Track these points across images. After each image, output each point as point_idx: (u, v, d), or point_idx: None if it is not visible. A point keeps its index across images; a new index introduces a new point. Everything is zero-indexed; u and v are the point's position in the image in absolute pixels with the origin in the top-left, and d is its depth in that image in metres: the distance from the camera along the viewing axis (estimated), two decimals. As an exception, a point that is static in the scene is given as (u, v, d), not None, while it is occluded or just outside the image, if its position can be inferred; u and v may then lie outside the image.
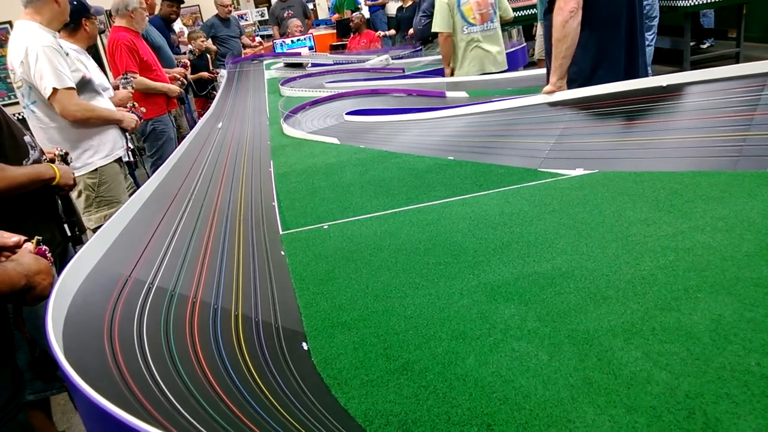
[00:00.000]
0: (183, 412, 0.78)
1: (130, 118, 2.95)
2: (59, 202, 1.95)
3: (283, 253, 1.66)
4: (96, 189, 2.78)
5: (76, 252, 1.24)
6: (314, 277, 1.47)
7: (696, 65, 5.96)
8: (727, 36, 6.57)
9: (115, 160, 2.88)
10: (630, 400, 0.87)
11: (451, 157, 2.39)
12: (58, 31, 2.80)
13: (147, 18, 4.16)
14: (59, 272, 1.13)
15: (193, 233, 1.62)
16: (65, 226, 1.96)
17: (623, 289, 1.18)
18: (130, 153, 2.98)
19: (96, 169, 2.76)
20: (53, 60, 2.44)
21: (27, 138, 1.87)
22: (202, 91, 6.27)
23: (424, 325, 1.18)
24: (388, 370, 1.05)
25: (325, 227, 1.82)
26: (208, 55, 6.62)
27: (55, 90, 2.46)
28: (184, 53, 6.33)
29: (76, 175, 2.39)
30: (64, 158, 2.13)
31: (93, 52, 3.79)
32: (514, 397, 0.92)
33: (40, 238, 1.33)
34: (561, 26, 2.33)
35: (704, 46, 6.87)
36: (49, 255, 1.31)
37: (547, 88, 2.47)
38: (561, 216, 1.61)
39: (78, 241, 1.99)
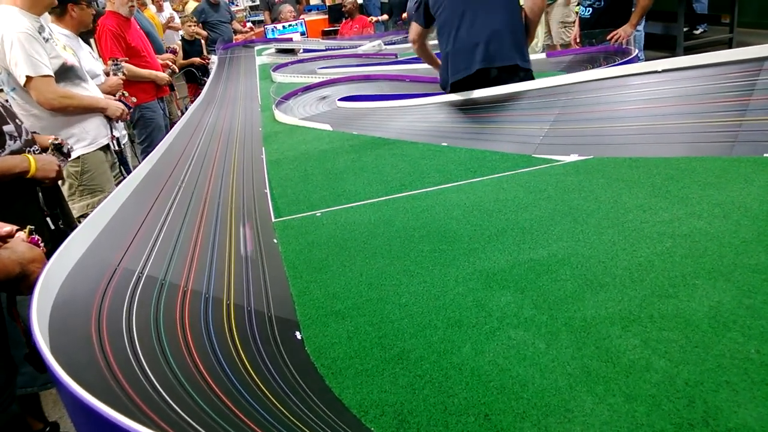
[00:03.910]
0: (173, 404, 0.76)
1: (116, 107, 2.87)
2: (40, 194, 1.89)
3: (275, 241, 1.63)
4: (79, 177, 2.72)
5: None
6: (307, 265, 1.45)
7: (689, 51, 5.93)
8: (720, 21, 6.54)
9: (101, 149, 2.81)
10: (629, 389, 0.86)
11: (445, 144, 2.37)
12: (50, 14, 2.73)
13: (134, 3, 4.06)
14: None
15: (183, 221, 1.60)
16: (48, 219, 1.89)
17: (620, 276, 1.17)
18: (115, 142, 2.91)
19: (78, 157, 2.70)
20: (27, 47, 2.37)
21: (9, 127, 1.81)
22: (191, 77, 6.20)
23: (419, 313, 1.16)
24: (383, 360, 1.03)
25: (318, 214, 1.80)
26: (202, 41, 6.55)
27: (29, 78, 2.40)
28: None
29: None
30: (58, 148, 2.06)
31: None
32: (511, 386, 0.91)
33: (33, 227, 1.30)
34: None
35: (697, 32, 6.85)
36: (41, 244, 1.28)
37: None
38: (556, 202, 1.59)
39: (63, 235, 1.92)
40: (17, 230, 1.27)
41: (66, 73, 2.61)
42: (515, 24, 2.62)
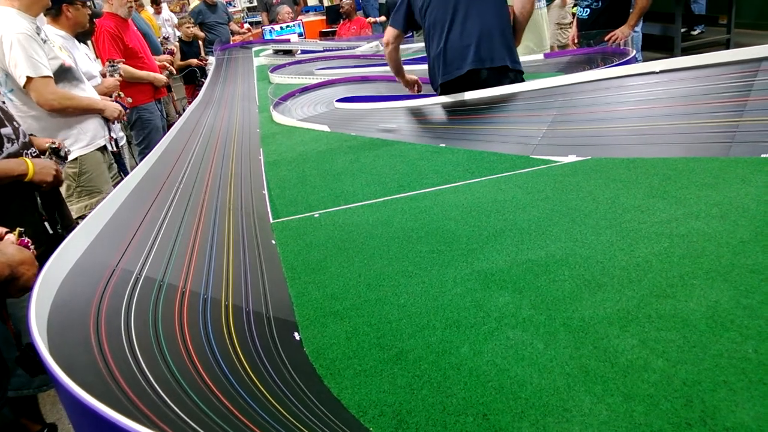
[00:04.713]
0: (172, 405, 0.76)
1: (113, 108, 2.87)
2: (38, 198, 1.89)
3: (273, 242, 1.63)
4: (76, 178, 2.72)
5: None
6: (306, 266, 1.45)
7: (686, 52, 5.95)
8: (717, 22, 6.56)
9: (98, 150, 2.81)
10: (627, 389, 0.86)
11: (443, 144, 2.37)
12: (45, 16, 2.74)
13: (132, 4, 4.06)
14: (41, 269, 1.10)
15: (182, 222, 1.59)
16: (45, 223, 1.88)
17: (618, 276, 1.17)
18: (113, 143, 2.92)
19: (76, 158, 2.70)
20: (27, 48, 2.37)
21: (6, 130, 1.81)
22: (189, 78, 6.20)
23: (418, 313, 1.16)
24: (381, 360, 1.03)
25: (316, 216, 1.80)
26: (199, 42, 6.55)
27: (29, 78, 2.40)
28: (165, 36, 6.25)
29: None
30: (56, 151, 2.05)
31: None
32: (509, 386, 0.91)
33: (22, 229, 1.30)
34: None
35: (695, 33, 6.87)
36: (32, 247, 1.28)
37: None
38: (554, 203, 1.60)
39: (61, 239, 1.91)
40: (6, 232, 1.26)
41: (64, 74, 2.61)
42: (505, 25, 2.64)
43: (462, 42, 2.61)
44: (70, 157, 2.67)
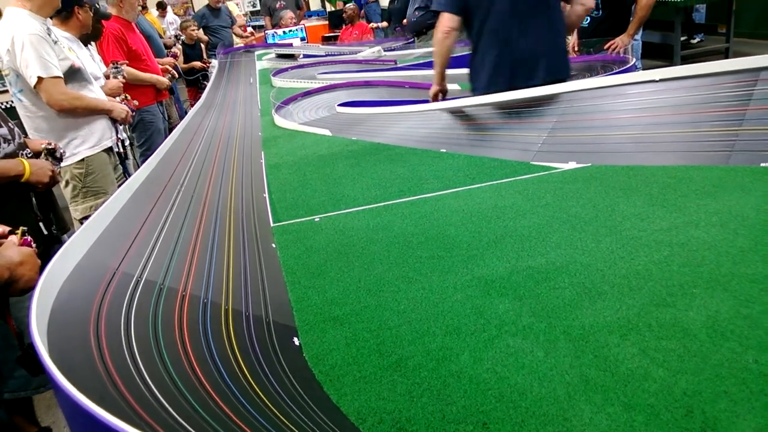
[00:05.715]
0: (170, 410, 0.76)
1: (121, 109, 2.90)
2: (33, 199, 1.89)
3: (274, 245, 1.63)
4: (82, 179, 2.74)
5: (55, 249, 1.20)
6: (306, 271, 1.45)
7: (686, 60, 5.96)
8: (716, 31, 6.59)
9: (104, 151, 2.83)
10: (627, 398, 0.86)
11: (444, 150, 2.37)
12: (51, 18, 2.75)
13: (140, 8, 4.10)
14: (41, 271, 1.11)
15: (182, 225, 1.60)
16: (40, 224, 1.88)
17: (618, 284, 1.17)
18: (120, 144, 2.94)
19: (83, 159, 2.71)
20: (39, 48, 2.39)
21: (2, 130, 1.81)
22: (192, 81, 6.22)
23: (418, 320, 1.16)
24: (381, 366, 1.03)
25: (317, 220, 1.80)
26: (202, 45, 6.57)
27: (40, 79, 2.42)
28: (171, 38, 6.28)
29: (63, 164, 2.34)
30: (51, 152, 2.05)
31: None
32: (509, 395, 0.90)
33: (25, 228, 1.30)
34: None
35: (694, 41, 6.89)
36: (33, 245, 1.28)
37: None
38: (554, 210, 1.60)
39: (56, 240, 1.92)
40: (9, 231, 1.27)
41: (73, 75, 2.63)
42: (563, 34, 2.56)
43: (532, 52, 2.46)
44: (77, 158, 2.69)
